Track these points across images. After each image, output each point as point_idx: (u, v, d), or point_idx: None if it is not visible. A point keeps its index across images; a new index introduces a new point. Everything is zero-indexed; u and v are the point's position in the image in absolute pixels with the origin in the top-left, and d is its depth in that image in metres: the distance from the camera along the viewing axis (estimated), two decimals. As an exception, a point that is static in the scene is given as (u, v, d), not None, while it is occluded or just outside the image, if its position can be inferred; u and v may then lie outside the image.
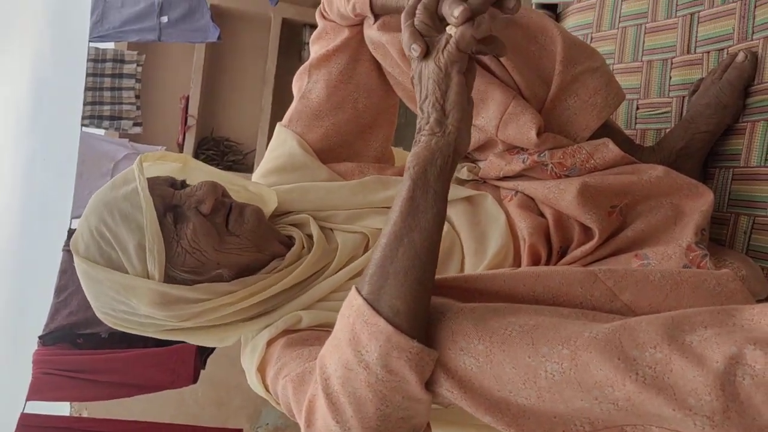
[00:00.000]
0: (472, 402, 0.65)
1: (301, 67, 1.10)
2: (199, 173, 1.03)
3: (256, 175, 1.12)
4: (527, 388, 0.63)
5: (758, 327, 0.60)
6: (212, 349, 3.14)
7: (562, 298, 0.72)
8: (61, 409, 3.14)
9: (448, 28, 0.69)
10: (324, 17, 1.07)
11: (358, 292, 0.67)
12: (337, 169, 1.07)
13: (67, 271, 3.01)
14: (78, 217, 3.80)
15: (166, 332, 0.97)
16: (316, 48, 1.09)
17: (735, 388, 0.56)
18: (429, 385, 0.66)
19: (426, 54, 0.70)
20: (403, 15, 0.72)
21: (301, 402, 0.75)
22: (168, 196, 0.91)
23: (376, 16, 0.95)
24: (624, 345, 0.61)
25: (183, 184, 0.95)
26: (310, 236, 1.00)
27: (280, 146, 1.09)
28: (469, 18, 0.67)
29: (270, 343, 0.91)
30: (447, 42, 0.69)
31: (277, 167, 1.08)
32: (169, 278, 0.90)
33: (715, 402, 0.56)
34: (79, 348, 2.84)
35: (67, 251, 3.07)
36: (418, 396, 0.65)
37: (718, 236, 1.00)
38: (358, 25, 1.02)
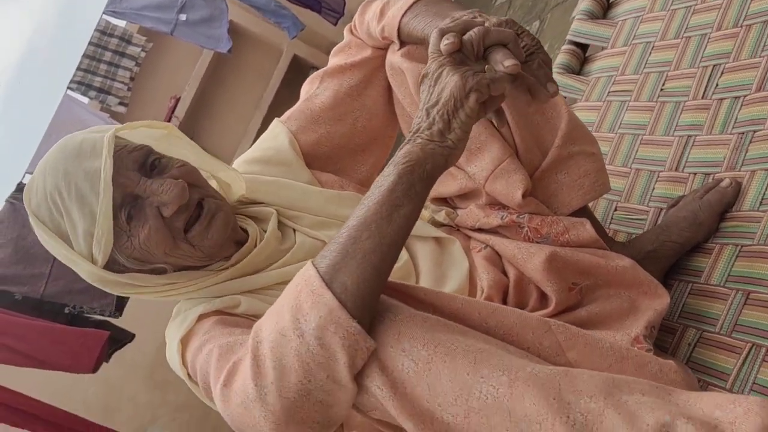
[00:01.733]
0: (398, 405, 0.64)
1: (314, 73, 1.12)
2: (180, 147, 0.99)
3: (240, 161, 1.11)
4: (457, 404, 0.63)
5: (693, 407, 0.62)
6: (120, 345, 3.01)
7: (512, 338, 0.73)
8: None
9: (487, 67, 0.71)
10: (352, 32, 1.10)
11: (313, 264, 0.67)
12: (319, 176, 1.08)
13: (3, 222, 2.89)
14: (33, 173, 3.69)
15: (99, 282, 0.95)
16: (335, 60, 1.11)
17: None
18: (361, 377, 0.66)
19: (453, 59, 0.71)
20: (457, 22, 0.74)
21: (223, 367, 0.73)
22: (131, 185, 0.87)
23: (402, 43, 0.98)
24: (562, 388, 0.62)
25: (153, 165, 0.90)
26: (265, 231, 0.99)
27: (272, 139, 1.09)
28: (515, 73, 0.70)
29: (201, 317, 0.89)
30: (483, 73, 0.70)
31: (262, 158, 1.08)
32: (112, 260, 0.89)
33: None
34: (-13, 302, 2.70)
35: (9, 203, 2.96)
36: (343, 381, 0.65)
37: (662, 343, 1.02)
38: (381, 49, 1.05)
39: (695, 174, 1.13)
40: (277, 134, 1.09)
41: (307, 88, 1.11)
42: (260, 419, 0.66)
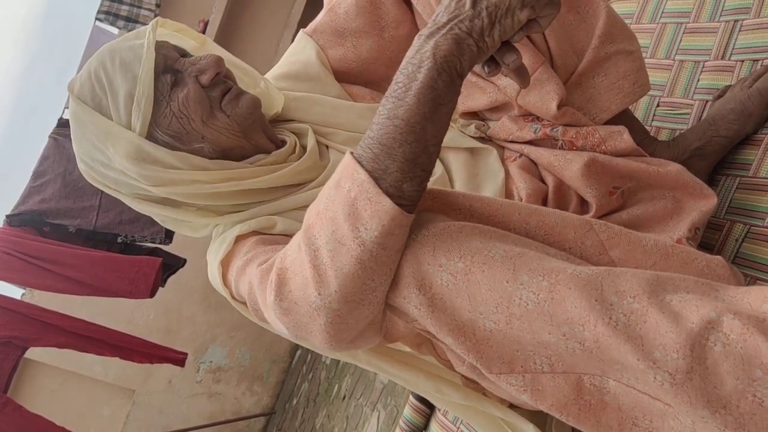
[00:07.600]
0: (437, 322, 0.64)
1: None
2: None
3: (268, 76, 1.09)
4: (498, 312, 0.62)
5: (740, 302, 0.60)
6: (174, 270, 3.11)
7: (554, 239, 0.71)
8: (12, 291, 3.10)
9: None
10: None
11: (359, 164, 0.64)
12: (349, 89, 1.05)
13: (49, 157, 2.96)
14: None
15: (139, 199, 0.96)
16: None
17: (704, 352, 0.56)
18: (398, 299, 0.66)
19: None
20: None
21: (265, 281, 0.73)
22: (172, 58, 0.92)
23: None
24: (604, 289, 0.61)
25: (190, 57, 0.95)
26: (304, 148, 0.99)
27: (299, 53, 1.06)
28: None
29: (239, 239, 0.90)
30: None
31: (290, 73, 1.06)
32: (150, 136, 0.91)
33: (681, 361, 0.56)
34: (44, 236, 2.80)
35: (53, 138, 3.01)
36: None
37: (708, 240, 0.99)
38: None
39: (743, 61, 1.06)
40: (304, 47, 1.06)
41: None
42: (323, 325, 0.66)
